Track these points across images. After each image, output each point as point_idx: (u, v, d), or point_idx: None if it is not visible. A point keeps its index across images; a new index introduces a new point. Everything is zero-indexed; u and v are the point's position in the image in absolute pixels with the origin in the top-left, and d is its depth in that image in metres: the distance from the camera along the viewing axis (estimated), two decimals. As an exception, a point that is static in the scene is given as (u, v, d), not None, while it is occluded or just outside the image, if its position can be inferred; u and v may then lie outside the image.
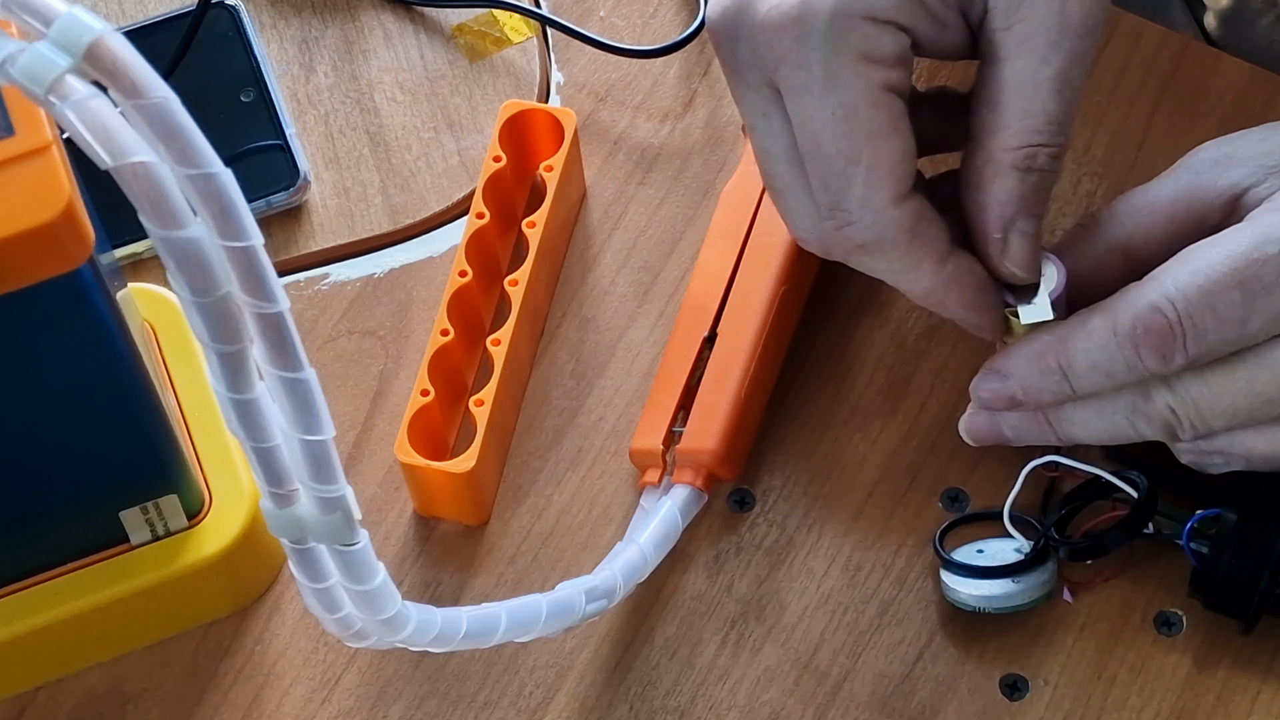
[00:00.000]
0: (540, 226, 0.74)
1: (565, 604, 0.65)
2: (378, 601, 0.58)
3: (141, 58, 0.47)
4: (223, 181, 0.49)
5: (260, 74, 0.80)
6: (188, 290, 0.50)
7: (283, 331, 0.51)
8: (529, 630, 0.64)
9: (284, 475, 0.54)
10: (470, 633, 0.62)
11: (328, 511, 0.55)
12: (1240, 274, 0.63)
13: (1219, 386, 0.64)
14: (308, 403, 0.52)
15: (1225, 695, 0.69)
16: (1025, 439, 0.68)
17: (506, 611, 0.63)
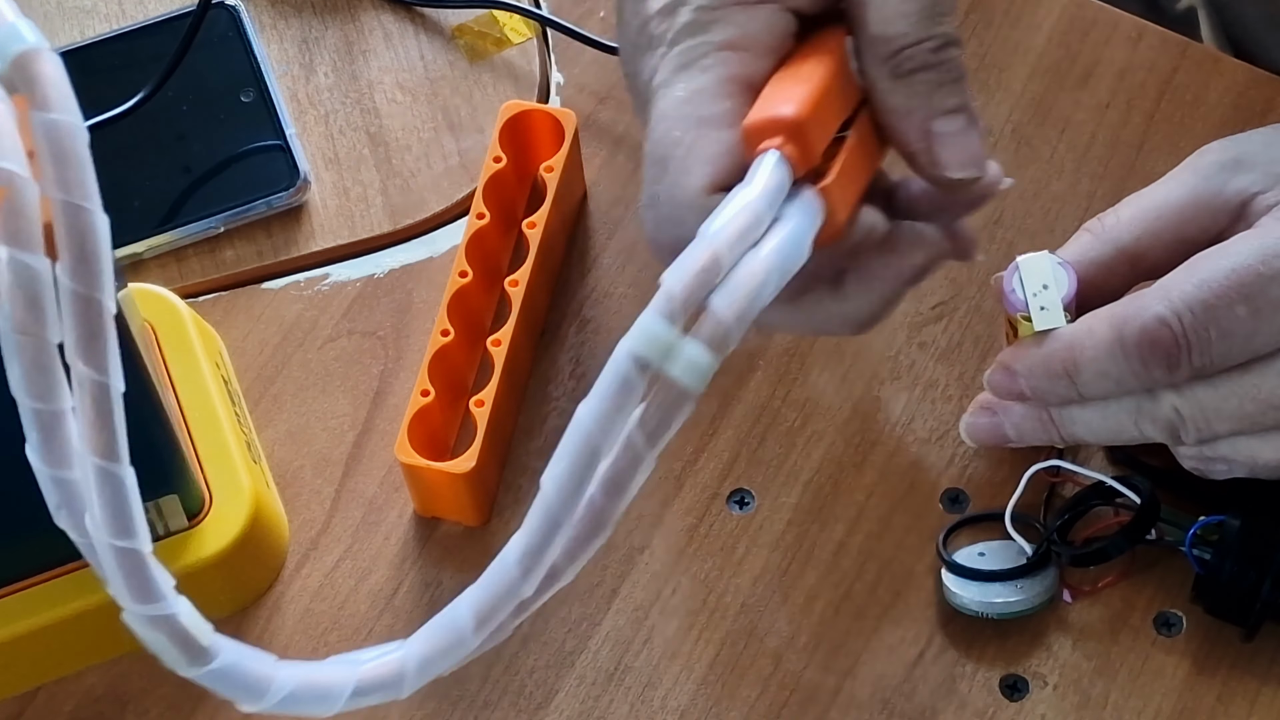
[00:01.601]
0: (540, 227, 0.74)
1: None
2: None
3: (68, 85, 0.45)
4: (94, 220, 0.45)
5: (260, 74, 0.80)
6: (9, 322, 0.46)
7: (108, 407, 0.46)
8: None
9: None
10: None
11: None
12: (1247, 288, 0.63)
13: (1225, 390, 0.64)
14: (120, 498, 0.49)
15: (1225, 696, 0.69)
16: (1028, 439, 0.68)
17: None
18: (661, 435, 0.51)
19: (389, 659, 0.52)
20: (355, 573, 0.72)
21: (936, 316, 0.75)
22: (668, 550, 0.72)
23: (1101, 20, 0.80)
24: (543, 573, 0.53)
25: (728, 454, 0.74)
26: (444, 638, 0.53)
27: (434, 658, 0.52)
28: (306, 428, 0.75)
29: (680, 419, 0.51)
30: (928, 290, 0.76)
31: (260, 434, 0.75)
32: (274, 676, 0.51)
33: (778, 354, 0.75)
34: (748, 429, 0.74)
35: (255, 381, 0.76)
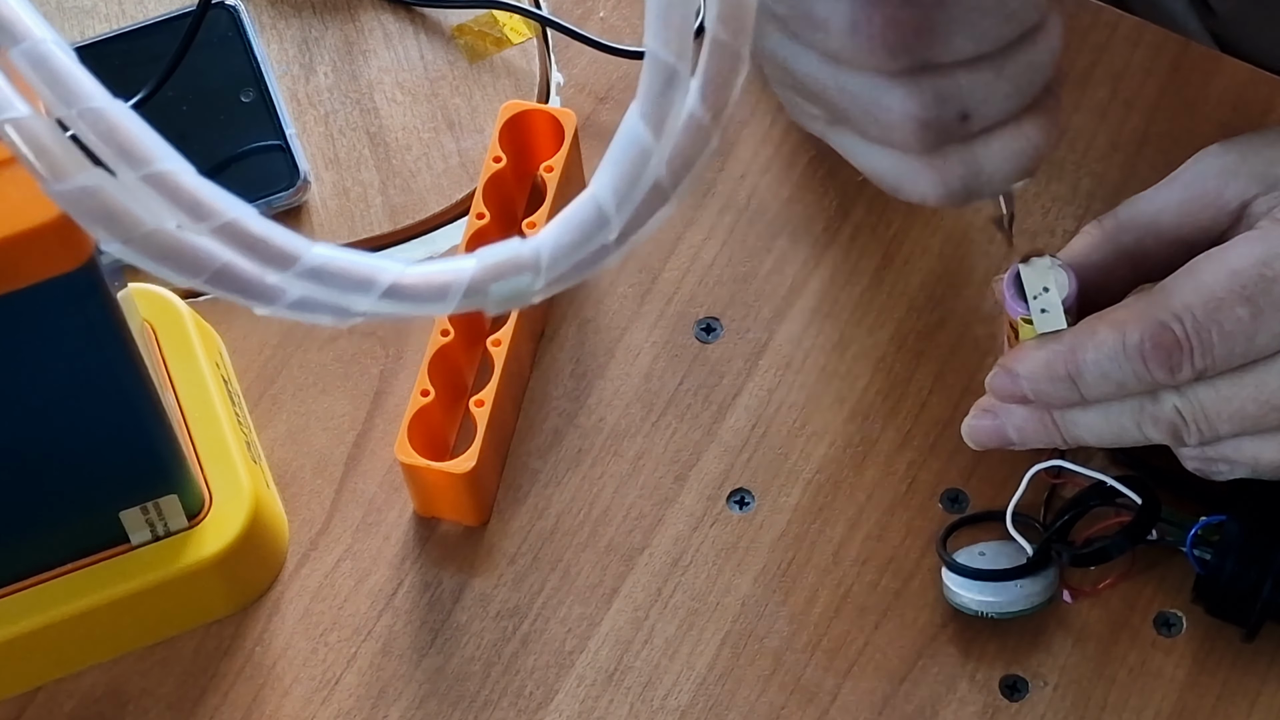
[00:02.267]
0: (540, 227, 0.74)
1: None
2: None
3: (33, 11, 0.44)
4: (111, 114, 0.43)
5: (260, 74, 0.80)
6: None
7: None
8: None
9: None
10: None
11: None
12: (1248, 290, 0.63)
13: (1227, 391, 0.64)
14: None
15: (1225, 696, 0.69)
16: (1030, 442, 0.68)
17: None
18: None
19: (581, 203, 0.47)
20: (355, 573, 0.72)
21: (937, 318, 0.75)
22: (668, 550, 0.72)
23: (1101, 20, 0.80)
24: (701, 54, 0.46)
25: (728, 454, 0.74)
26: (580, 218, 0.46)
27: (625, 181, 0.46)
28: (306, 428, 0.75)
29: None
30: (928, 290, 0.76)
31: (260, 434, 0.75)
32: (454, 273, 0.46)
33: (778, 354, 0.75)
34: (748, 429, 0.74)
35: (255, 381, 0.76)
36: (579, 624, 0.71)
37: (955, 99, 0.60)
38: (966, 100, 0.60)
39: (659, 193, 0.46)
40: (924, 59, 0.59)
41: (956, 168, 0.61)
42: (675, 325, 0.76)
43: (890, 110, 0.60)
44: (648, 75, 0.45)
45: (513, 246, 0.46)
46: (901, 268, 0.76)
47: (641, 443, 0.74)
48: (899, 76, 0.59)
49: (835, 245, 0.77)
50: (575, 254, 0.46)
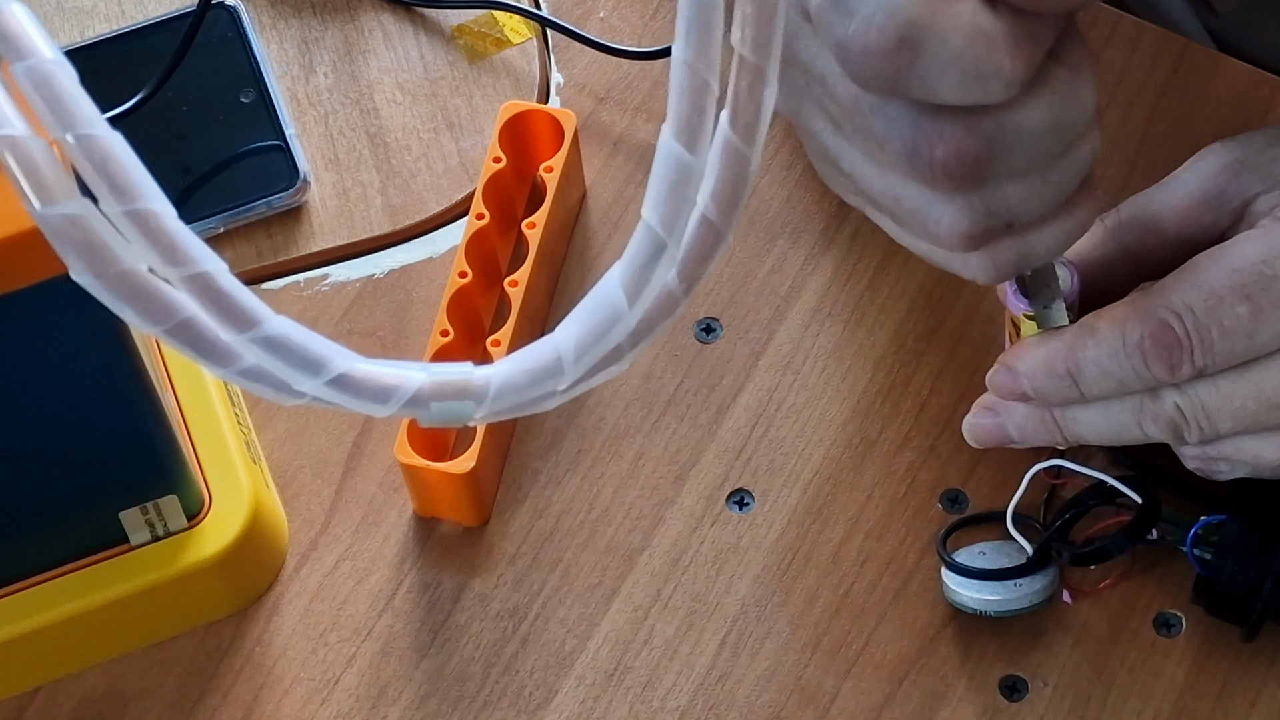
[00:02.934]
0: (540, 227, 0.74)
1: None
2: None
3: (39, 27, 0.44)
4: (105, 143, 0.44)
5: (260, 74, 0.80)
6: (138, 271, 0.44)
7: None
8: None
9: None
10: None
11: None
12: (1248, 288, 0.63)
13: (1227, 389, 0.64)
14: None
15: (1225, 697, 0.69)
16: (1031, 440, 0.68)
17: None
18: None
19: (542, 347, 0.47)
20: (355, 573, 0.72)
21: (937, 318, 0.75)
22: (668, 550, 0.72)
23: (1101, 20, 0.80)
24: (687, 227, 0.47)
25: (728, 454, 0.74)
26: (536, 363, 0.47)
27: (590, 338, 0.47)
28: (306, 428, 0.75)
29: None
30: (928, 290, 0.76)
31: (260, 434, 0.75)
32: (402, 379, 0.46)
33: (778, 354, 0.75)
34: (747, 429, 0.74)
35: (255, 382, 0.76)
36: (579, 624, 0.71)
37: (1003, 211, 0.60)
38: (1014, 211, 0.61)
39: (617, 353, 0.48)
40: (978, 180, 0.59)
41: (1006, 255, 0.62)
42: (675, 325, 0.76)
43: (939, 223, 0.61)
44: (637, 243, 0.46)
45: (465, 371, 0.47)
46: (901, 268, 0.76)
47: (641, 443, 0.74)
48: (950, 192, 0.60)
49: (835, 245, 0.77)
50: (521, 395, 0.47)
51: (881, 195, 0.62)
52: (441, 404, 0.47)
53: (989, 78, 0.56)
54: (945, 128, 0.58)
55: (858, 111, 0.60)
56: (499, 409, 0.47)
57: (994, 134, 0.58)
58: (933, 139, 0.58)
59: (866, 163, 0.62)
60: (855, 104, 0.60)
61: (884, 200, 0.62)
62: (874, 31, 0.56)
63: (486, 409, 0.47)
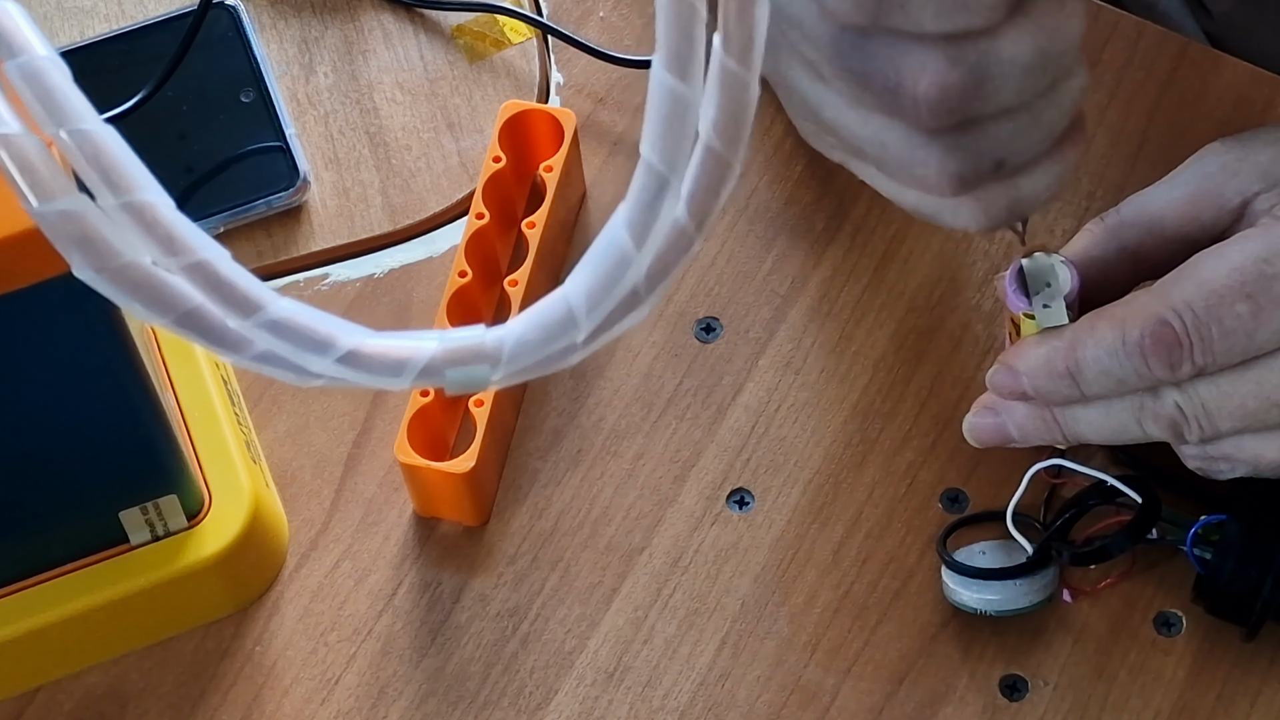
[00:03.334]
0: (540, 227, 0.74)
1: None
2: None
3: (30, 24, 0.44)
4: (98, 138, 0.43)
5: (260, 74, 0.80)
6: (95, 266, 0.44)
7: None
8: None
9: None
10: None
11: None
12: (1248, 287, 0.63)
13: (1227, 388, 0.64)
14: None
15: (1225, 696, 0.69)
16: (1031, 439, 0.68)
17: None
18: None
19: (552, 300, 0.46)
20: (355, 573, 0.72)
21: (937, 318, 0.75)
22: (668, 550, 0.72)
23: (1101, 20, 0.80)
24: (689, 160, 0.45)
25: (728, 454, 0.74)
26: (549, 317, 0.45)
27: (600, 285, 0.45)
28: (306, 428, 0.75)
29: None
30: (928, 290, 0.76)
31: (260, 434, 0.75)
32: (413, 350, 0.46)
33: (778, 354, 0.75)
34: (747, 429, 0.74)
35: (255, 381, 0.76)
36: (579, 624, 0.71)
37: (991, 151, 0.60)
38: (1002, 150, 0.60)
39: (633, 298, 0.46)
40: (964, 117, 0.59)
41: (996, 199, 0.61)
42: (675, 325, 0.76)
43: (927, 165, 0.60)
44: (639, 182, 0.45)
45: (477, 334, 0.46)
46: (901, 268, 0.76)
47: (641, 442, 0.74)
48: (935, 133, 0.59)
49: (835, 245, 0.77)
50: (538, 351, 0.46)
51: (866, 142, 0.61)
52: (456, 370, 0.46)
53: (969, 2, 0.56)
54: (928, 59, 0.57)
55: (838, 52, 0.59)
56: (517, 369, 0.46)
57: (978, 64, 0.57)
58: (916, 72, 0.57)
59: (849, 109, 0.61)
60: (835, 44, 0.58)
61: (869, 147, 0.61)
62: None
63: (503, 370, 0.46)
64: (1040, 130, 0.60)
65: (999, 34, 0.57)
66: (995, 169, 0.60)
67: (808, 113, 0.63)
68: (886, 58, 0.58)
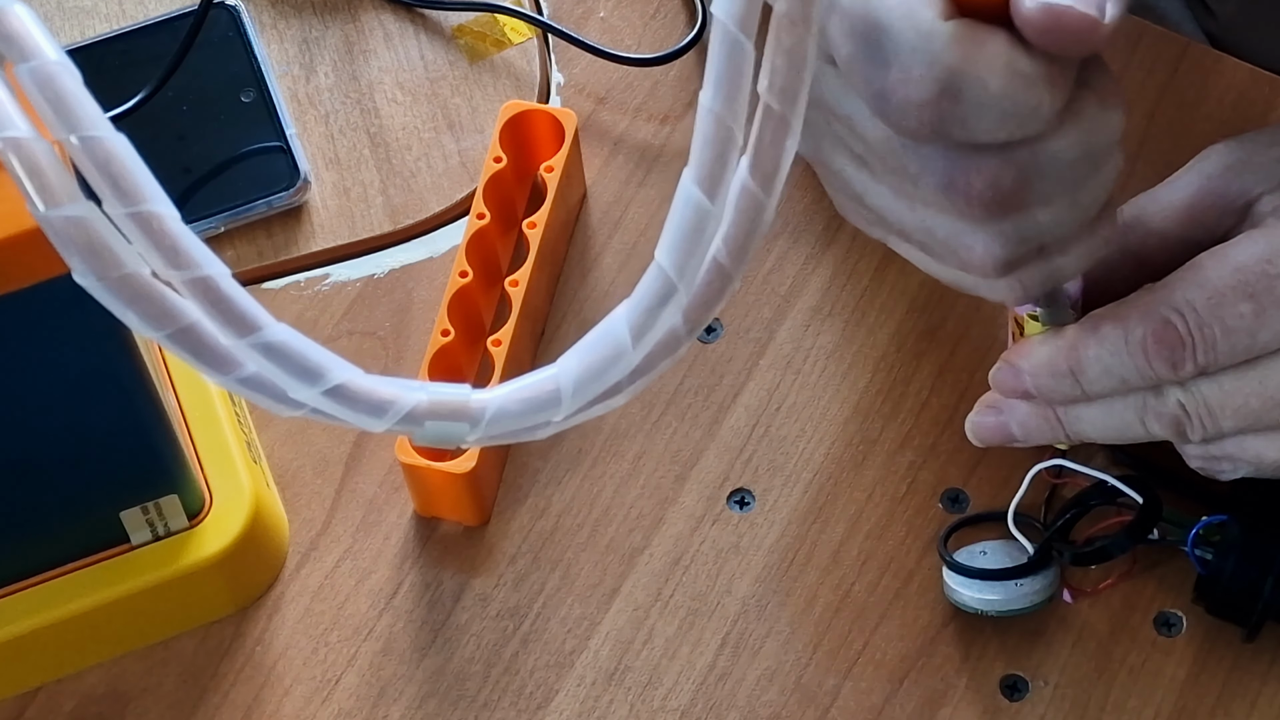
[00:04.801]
0: (540, 227, 0.74)
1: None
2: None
3: (43, 29, 0.44)
4: (109, 144, 0.44)
5: (260, 74, 0.80)
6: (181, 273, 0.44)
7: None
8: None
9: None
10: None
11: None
12: (1251, 286, 0.63)
13: (1230, 386, 0.64)
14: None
15: (1225, 696, 0.69)
16: (1033, 438, 0.68)
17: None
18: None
19: (542, 377, 0.47)
20: (355, 573, 0.72)
21: (937, 318, 0.75)
22: (668, 550, 0.72)
23: (1102, 20, 0.80)
24: (698, 272, 0.47)
25: (728, 454, 0.74)
26: (535, 393, 0.47)
27: (591, 373, 0.47)
28: (306, 428, 0.75)
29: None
30: (928, 290, 0.76)
31: (260, 434, 0.75)
32: (398, 395, 0.46)
33: (778, 354, 0.75)
34: (748, 429, 0.74)
35: (255, 381, 0.76)
36: (579, 624, 0.71)
37: (1035, 236, 0.61)
38: (1045, 236, 0.61)
39: (616, 389, 0.48)
40: (1013, 211, 0.59)
41: (1034, 276, 0.62)
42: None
43: (972, 250, 0.61)
44: (648, 285, 0.47)
45: (463, 393, 0.47)
46: (901, 268, 0.76)
47: (641, 442, 0.74)
48: (982, 222, 0.60)
49: (835, 245, 0.77)
50: (517, 422, 0.47)
51: (912, 228, 0.62)
52: (436, 423, 0.47)
53: (1027, 115, 0.57)
54: (981, 162, 0.58)
55: (889, 152, 0.60)
56: (493, 434, 0.47)
57: (1028, 164, 0.58)
58: (969, 173, 0.58)
59: (895, 198, 0.62)
60: (887, 145, 0.60)
61: (914, 233, 0.62)
62: (913, 82, 0.56)
63: (480, 433, 0.47)
64: (1080, 214, 0.61)
65: (1049, 135, 0.58)
66: (1037, 252, 0.61)
67: (850, 194, 0.64)
68: (940, 161, 0.59)
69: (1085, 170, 0.60)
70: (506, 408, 0.47)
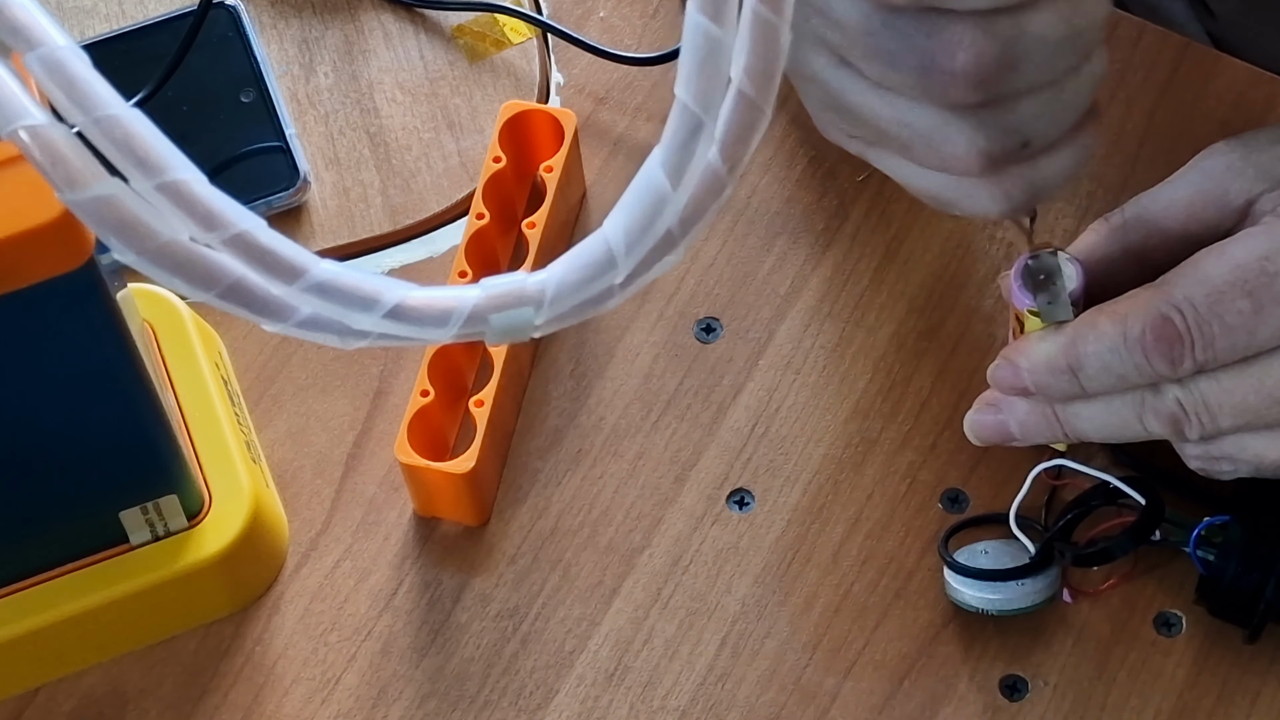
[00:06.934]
0: (540, 227, 0.74)
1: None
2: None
3: (47, 17, 0.44)
4: (125, 121, 0.44)
5: (260, 74, 0.80)
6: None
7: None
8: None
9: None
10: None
11: None
12: (1250, 284, 0.63)
13: (1228, 384, 0.64)
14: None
15: (1225, 696, 0.69)
16: (1032, 437, 0.68)
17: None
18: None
19: (592, 242, 0.47)
20: (355, 573, 0.72)
21: (937, 318, 0.75)
22: (668, 550, 0.72)
23: (1101, 20, 0.80)
24: (721, 103, 0.46)
25: (728, 454, 0.74)
26: (589, 258, 0.47)
27: (638, 225, 0.46)
28: (306, 428, 0.75)
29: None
30: (928, 290, 0.76)
31: (260, 434, 0.75)
32: (457, 299, 0.46)
33: (778, 354, 0.75)
34: (747, 429, 0.74)
35: (255, 381, 0.76)
36: (579, 624, 0.71)
37: (1019, 129, 0.60)
38: (1029, 129, 0.60)
39: (669, 240, 0.47)
40: (995, 93, 0.59)
41: (1018, 182, 0.62)
42: (675, 325, 0.76)
43: (955, 144, 0.60)
44: (674, 123, 0.45)
45: (518, 279, 0.47)
46: (901, 268, 0.76)
47: (641, 443, 0.74)
48: (965, 111, 0.59)
49: (835, 245, 0.77)
50: (580, 293, 0.47)
51: (891, 124, 0.61)
52: (501, 315, 0.47)
53: None
54: (964, 33, 0.57)
55: (867, 32, 0.59)
56: (560, 311, 0.47)
57: (1012, 38, 0.57)
58: (951, 47, 0.57)
59: (873, 92, 0.61)
60: (865, 24, 0.59)
61: (893, 129, 0.61)
62: None
63: (547, 313, 0.47)
64: (1064, 109, 0.60)
65: (1032, 9, 0.57)
66: (1021, 147, 0.60)
67: (827, 100, 0.63)
68: (920, 35, 0.58)
69: (1069, 57, 0.59)
70: (566, 280, 0.46)
